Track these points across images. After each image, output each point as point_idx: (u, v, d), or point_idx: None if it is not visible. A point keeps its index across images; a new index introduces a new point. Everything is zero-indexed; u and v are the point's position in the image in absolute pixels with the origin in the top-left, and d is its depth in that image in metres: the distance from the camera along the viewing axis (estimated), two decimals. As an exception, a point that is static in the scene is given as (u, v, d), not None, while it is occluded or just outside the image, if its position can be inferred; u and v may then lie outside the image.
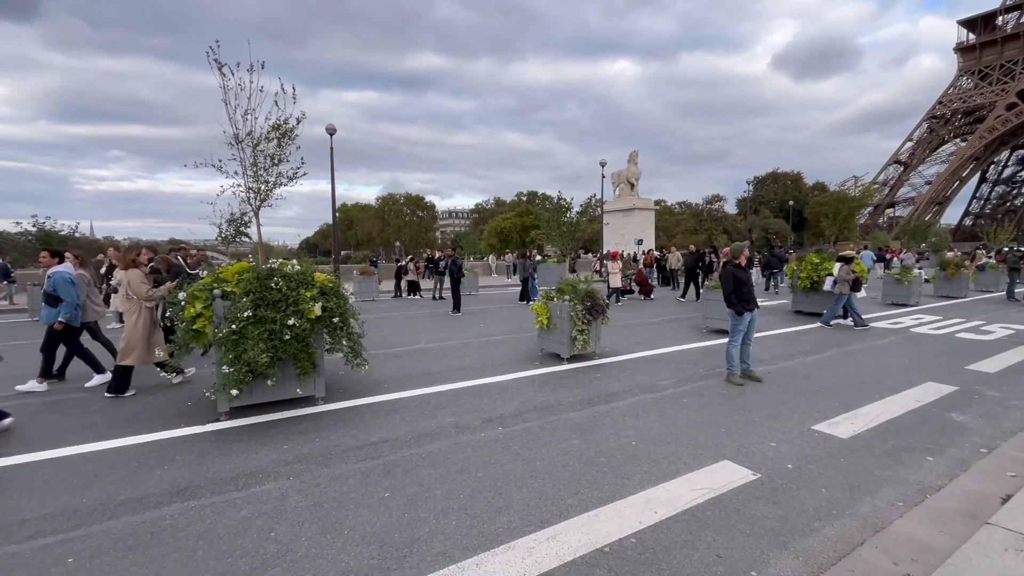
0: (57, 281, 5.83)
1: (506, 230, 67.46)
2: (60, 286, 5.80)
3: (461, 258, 14.18)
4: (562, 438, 4.40)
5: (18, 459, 4.01)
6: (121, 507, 3.28)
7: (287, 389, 4.96)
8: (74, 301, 5.86)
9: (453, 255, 14.49)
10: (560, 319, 7.19)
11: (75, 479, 3.67)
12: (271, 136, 4.84)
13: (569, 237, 10.77)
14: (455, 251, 15.67)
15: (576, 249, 12.59)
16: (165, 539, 2.92)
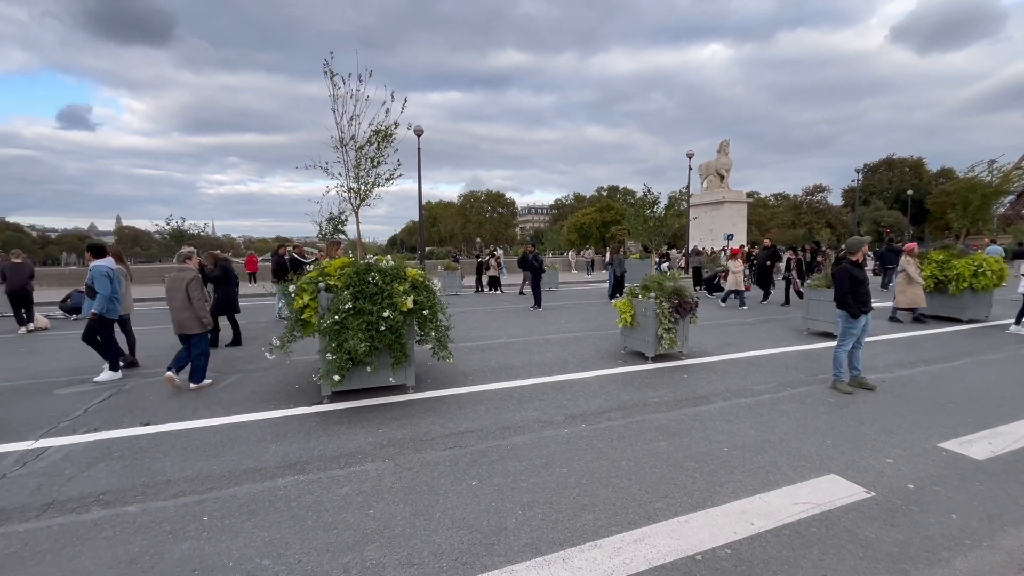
0: (95, 274, 6.09)
1: (586, 225, 66.65)
2: (97, 279, 6.06)
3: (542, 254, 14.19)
4: (648, 439, 4.28)
5: (163, 428, 4.64)
6: (244, 475, 3.68)
7: (382, 377, 5.28)
8: (107, 294, 6.09)
9: (534, 251, 14.55)
10: (645, 317, 6.98)
11: (207, 448, 4.17)
12: (372, 139, 5.16)
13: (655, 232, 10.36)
14: (535, 247, 15.71)
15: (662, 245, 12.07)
16: (280, 507, 3.23)
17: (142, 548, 2.80)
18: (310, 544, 2.83)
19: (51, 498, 3.35)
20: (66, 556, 2.73)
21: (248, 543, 2.84)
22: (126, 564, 2.66)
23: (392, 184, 5.73)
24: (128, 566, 2.64)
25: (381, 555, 2.73)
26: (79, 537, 2.91)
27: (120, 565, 2.65)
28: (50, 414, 5.03)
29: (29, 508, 3.23)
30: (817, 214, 67.35)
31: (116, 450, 4.13)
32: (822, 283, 9.03)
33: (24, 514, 3.16)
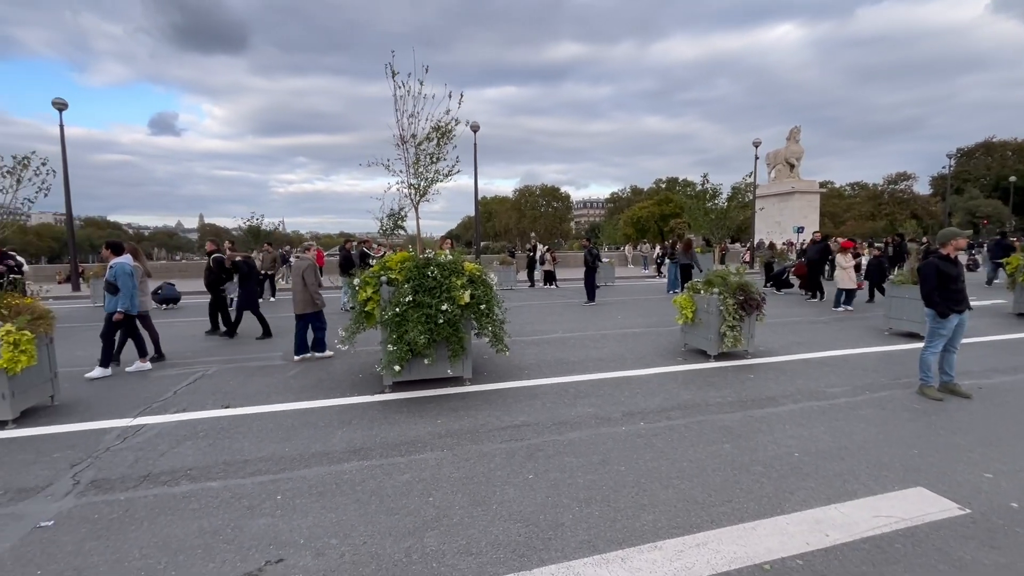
0: (117, 272, 6.14)
1: (643, 219, 64.99)
2: (120, 277, 6.11)
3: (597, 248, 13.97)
4: (711, 440, 4.12)
5: (242, 411, 4.99)
6: (313, 458, 3.88)
7: (440, 369, 5.40)
8: (129, 291, 6.14)
9: (589, 245, 14.37)
10: (707, 313, 6.71)
11: (279, 431, 4.44)
12: (431, 136, 5.27)
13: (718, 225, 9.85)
14: (590, 241, 15.53)
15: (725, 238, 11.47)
16: (346, 490, 3.39)
17: (224, 521, 3.02)
18: (374, 527, 2.94)
19: (147, 471, 3.69)
20: (160, 524, 3.00)
21: (317, 523, 3.00)
22: (210, 535, 2.88)
23: (450, 180, 5.81)
24: (212, 537, 2.86)
25: (440, 542, 2.79)
26: (170, 508, 3.18)
27: (205, 535, 2.88)
28: (145, 395, 5.53)
29: (128, 479, 3.57)
30: (900, 204, 62.09)
31: (201, 430, 4.48)
32: (906, 279, 8.32)
33: (124, 484, 3.50)
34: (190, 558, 2.67)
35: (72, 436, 4.36)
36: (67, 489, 3.43)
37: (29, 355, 4.48)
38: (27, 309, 4.75)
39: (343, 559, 2.65)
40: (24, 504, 3.24)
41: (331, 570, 2.57)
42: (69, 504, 3.23)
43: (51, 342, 5.11)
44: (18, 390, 4.56)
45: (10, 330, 4.39)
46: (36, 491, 3.41)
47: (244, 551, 2.73)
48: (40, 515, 3.10)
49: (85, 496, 3.33)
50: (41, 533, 2.92)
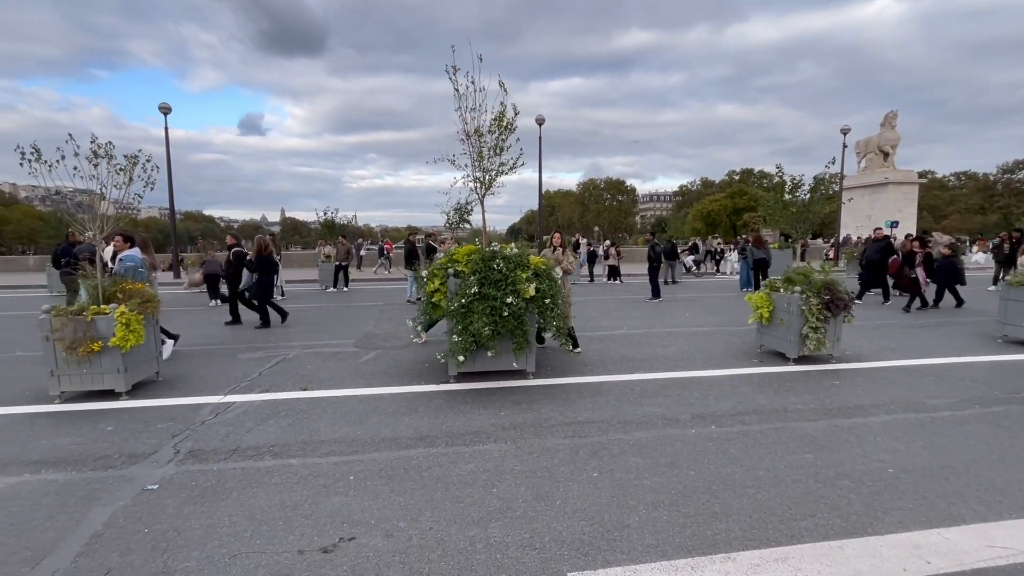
0: (127, 264, 6.02)
1: (714, 212, 62.02)
2: (129, 270, 5.97)
3: (660, 244, 13.49)
4: (791, 449, 3.85)
5: (318, 394, 5.28)
6: (382, 443, 4.03)
7: (503, 361, 5.43)
8: None
9: (652, 240, 13.94)
10: (787, 313, 6.28)
11: (352, 415, 4.65)
12: (492, 128, 5.29)
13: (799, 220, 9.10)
14: (653, 236, 15.03)
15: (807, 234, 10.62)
16: (413, 476, 3.49)
17: (302, 497, 3.20)
18: (439, 514, 3.01)
19: (236, 445, 3.99)
20: (247, 495, 3.23)
21: (386, 505, 3.11)
22: (290, 509, 3.07)
23: (514, 172, 5.80)
24: (292, 511, 3.05)
25: (504, 534, 2.80)
26: (255, 481, 3.42)
27: (286, 509, 3.07)
28: (234, 374, 6.00)
29: (220, 451, 3.88)
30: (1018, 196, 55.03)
31: (282, 409, 4.79)
32: (1022, 279, 7.35)
33: (216, 456, 3.81)
34: (273, 529, 2.86)
35: (173, 409, 4.81)
36: (169, 457, 3.78)
37: (138, 335, 4.98)
38: (137, 294, 5.29)
39: (411, 542, 2.73)
40: (134, 468, 3.61)
41: (400, 552, 2.65)
42: (171, 471, 3.56)
43: (156, 324, 5.66)
44: (130, 365, 5.09)
45: (124, 311, 4.90)
46: (144, 457, 3.79)
47: (320, 527, 2.88)
48: (147, 479, 3.44)
49: (184, 464, 3.66)
50: (148, 495, 3.23)
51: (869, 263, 11.88)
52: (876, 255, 11.68)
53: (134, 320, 4.93)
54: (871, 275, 11.77)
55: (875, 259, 11.72)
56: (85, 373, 4.93)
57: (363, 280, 19.66)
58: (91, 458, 3.77)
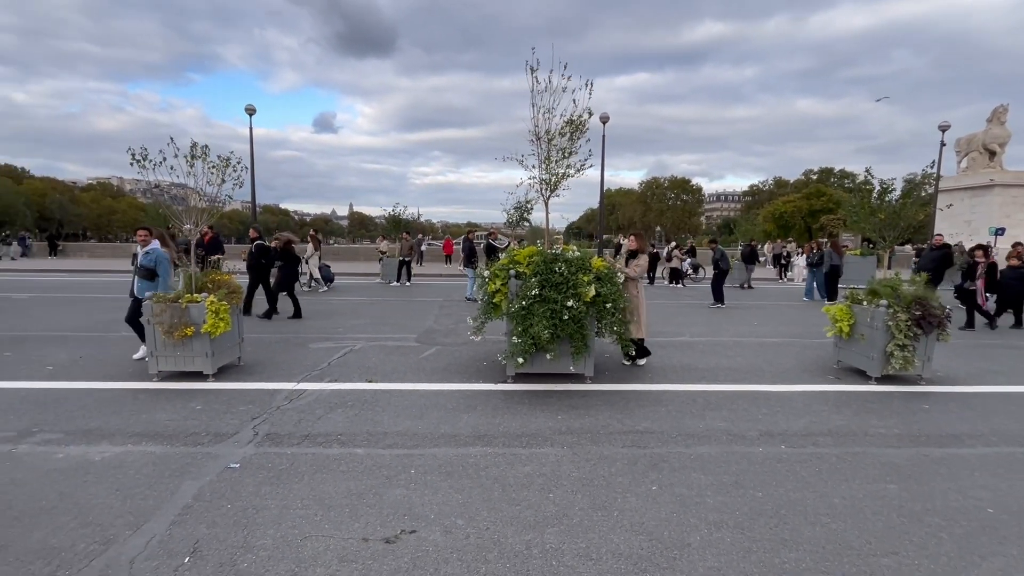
0: (159, 258, 5.92)
1: (787, 214, 58.48)
2: (160, 263, 5.90)
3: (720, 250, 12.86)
4: (871, 477, 3.57)
5: (382, 386, 5.50)
6: (441, 439, 4.14)
7: (562, 364, 5.41)
8: (168, 278, 5.92)
9: (716, 246, 13.40)
10: (870, 328, 5.82)
11: (413, 409, 4.81)
12: (564, 131, 5.27)
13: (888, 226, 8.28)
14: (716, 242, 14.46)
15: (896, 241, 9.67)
16: (471, 474, 3.56)
17: (367, 487, 3.36)
18: (497, 515, 3.05)
19: (307, 431, 4.24)
20: (317, 480, 3.43)
21: (445, 501, 3.19)
22: (356, 497, 3.22)
23: (581, 174, 5.75)
24: (358, 499, 3.20)
25: (560, 541, 2.80)
26: (324, 467, 3.62)
27: (352, 497, 3.22)
28: (306, 363, 6.37)
29: (292, 436, 4.14)
30: None
31: (349, 399, 5.03)
32: None
33: (290, 440, 4.07)
34: (340, 515, 3.01)
35: (252, 393, 5.18)
36: (249, 438, 4.08)
37: (226, 322, 5.41)
38: (225, 284, 5.73)
39: (468, 541, 2.79)
40: (219, 447, 3.93)
41: (457, 549, 2.72)
42: (250, 452, 3.84)
43: (239, 312, 6.11)
44: (216, 350, 5.53)
45: (213, 301, 5.33)
46: (227, 437, 4.11)
47: (383, 517, 3.00)
48: (230, 457, 3.74)
49: (261, 447, 3.93)
50: (230, 473, 3.51)
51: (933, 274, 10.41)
52: (931, 265, 10.42)
53: (222, 309, 5.35)
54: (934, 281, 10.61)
55: (929, 270, 10.24)
56: (179, 355, 5.42)
57: (424, 275, 20.24)
58: (183, 434, 4.14)
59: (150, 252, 5.98)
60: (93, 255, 29.28)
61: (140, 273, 5.97)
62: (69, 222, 71.84)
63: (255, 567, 2.54)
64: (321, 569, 2.53)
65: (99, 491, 3.24)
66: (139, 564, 2.55)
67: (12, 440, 3.97)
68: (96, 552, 2.63)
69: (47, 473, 3.47)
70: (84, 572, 2.48)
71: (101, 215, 77.90)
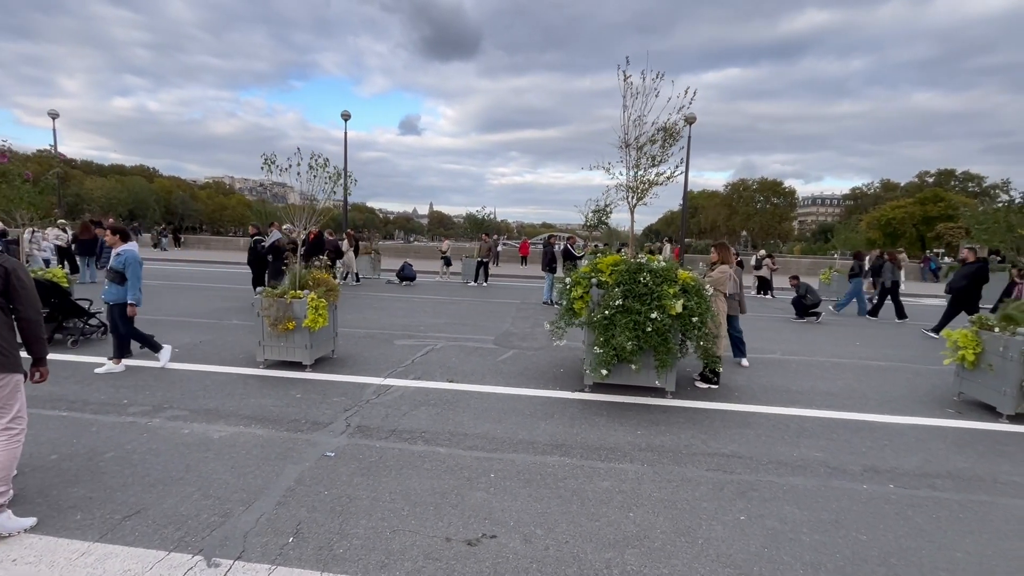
0: (128, 260, 5.57)
1: (896, 220, 52.88)
2: (130, 266, 5.56)
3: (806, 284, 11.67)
4: (1004, 533, 3.15)
5: (463, 387, 5.67)
6: (520, 445, 4.20)
7: (643, 377, 5.28)
8: (139, 281, 5.61)
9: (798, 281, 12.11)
10: (1002, 359, 5.12)
11: (492, 412, 4.92)
12: (656, 138, 5.13)
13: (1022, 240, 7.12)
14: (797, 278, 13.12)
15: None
16: (549, 484, 3.57)
17: (450, 486, 3.48)
18: (575, 528, 3.04)
19: (394, 426, 4.48)
20: (403, 475, 3.61)
21: (524, 509, 3.24)
22: (440, 496, 3.35)
23: (672, 181, 5.57)
24: (441, 497, 3.33)
25: (641, 564, 2.74)
26: (409, 463, 3.80)
27: (436, 495, 3.36)
28: (392, 359, 6.72)
29: (381, 430, 4.39)
30: None
31: (432, 398, 5.24)
32: None
33: (378, 434, 4.31)
34: (425, 512, 3.15)
35: (344, 386, 5.55)
36: (342, 429, 4.38)
37: (324, 318, 5.84)
38: (323, 282, 6.19)
39: (547, 552, 2.81)
40: (316, 434, 4.25)
41: (537, 559, 2.74)
42: (344, 442, 4.12)
43: (335, 309, 6.57)
44: (314, 343, 5.99)
45: (314, 297, 5.78)
46: (323, 426, 4.44)
47: (465, 518, 3.10)
48: (326, 446, 4.03)
49: (353, 438, 4.21)
50: (327, 461, 3.79)
51: (954, 292, 9.41)
52: (962, 282, 9.29)
53: (321, 305, 5.79)
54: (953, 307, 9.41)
55: (960, 286, 9.28)
56: (282, 346, 5.93)
57: (500, 276, 20.57)
58: (285, 420, 4.53)
59: (121, 254, 5.58)
60: (209, 247, 32.78)
61: (109, 276, 5.61)
62: (189, 216, 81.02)
63: (350, 554, 2.72)
64: (409, 564, 2.66)
65: (217, 467, 3.63)
66: (251, 539, 2.82)
67: (148, 413, 4.56)
68: (216, 524, 2.95)
69: (176, 447, 3.94)
70: (207, 540, 2.80)
71: (215, 210, 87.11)
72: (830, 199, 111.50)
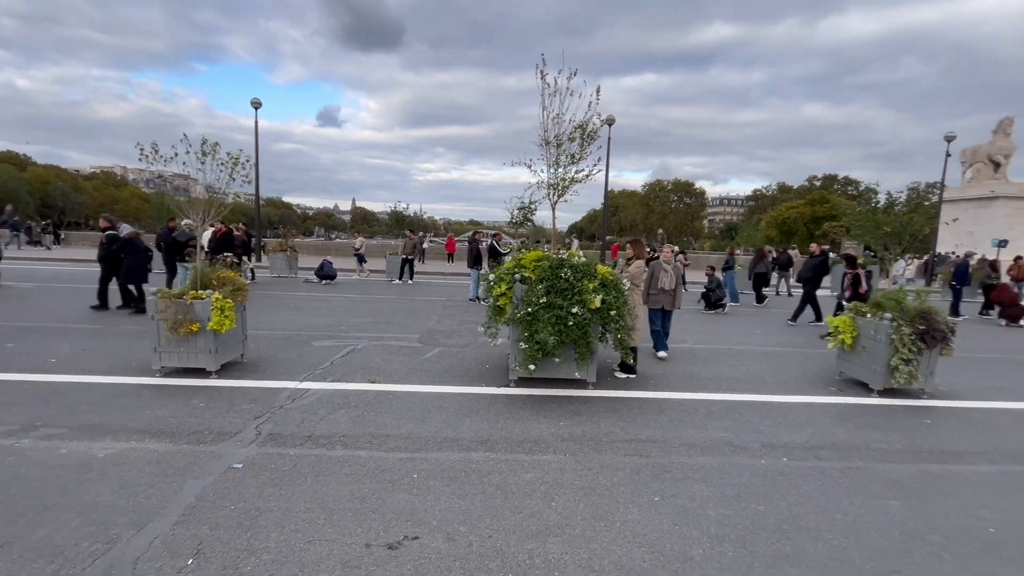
0: None
1: (790, 220, 58.47)
2: None
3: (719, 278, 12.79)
4: (873, 493, 3.57)
5: (385, 387, 5.50)
6: (444, 443, 4.14)
7: (565, 370, 5.41)
8: None
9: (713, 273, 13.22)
10: (874, 341, 5.82)
11: (416, 412, 4.81)
12: (574, 136, 5.25)
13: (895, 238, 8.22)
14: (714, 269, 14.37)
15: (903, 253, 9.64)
16: (474, 480, 3.56)
17: (370, 490, 3.36)
18: (499, 522, 3.05)
19: (310, 432, 4.25)
20: (320, 482, 3.43)
21: (448, 507, 3.20)
22: (359, 501, 3.22)
23: (591, 179, 5.75)
24: (361, 502, 3.20)
25: (562, 551, 2.80)
26: (327, 469, 3.62)
27: (355, 500, 3.23)
28: (309, 361, 6.37)
29: (296, 437, 4.14)
30: None
31: (352, 400, 5.03)
32: None
33: (293, 440, 4.07)
34: (343, 519, 3.02)
35: (255, 391, 5.18)
36: (252, 438, 4.08)
37: (231, 319, 5.41)
38: (230, 281, 5.74)
39: (471, 548, 2.79)
40: (222, 445, 3.93)
41: (460, 557, 2.72)
42: (253, 452, 3.85)
43: (244, 309, 6.12)
44: (220, 347, 5.54)
45: (219, 298, 5.34)
46: (230, 436, 4.11)
47: (386, 522, 3.00)
48: (233, 457, 3.74)
49: (264, 447, 3.94)
50: (234, 473, 3.51)
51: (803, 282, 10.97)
52: (809, 273, 10.87)
53: (228, 306, 5.36)
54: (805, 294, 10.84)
55: (807, 277, 10.83)
56: (182, 351, 5.42)
57: (426, 273, 20.24)
58: (185, 432, 4.14)
59: None
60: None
61: None
62: (71, 210, 71.88)
63: (258, 570, 2.54)
64: (325, 574, 2.53)
65: (102, 489, 3.24)
66: (143, 565, 2.55)
67: (15, 434, 3.98)
68: (99, 552, 2.64)
69: (50, 469, 3.47)
70: (87, 572, 2.49)
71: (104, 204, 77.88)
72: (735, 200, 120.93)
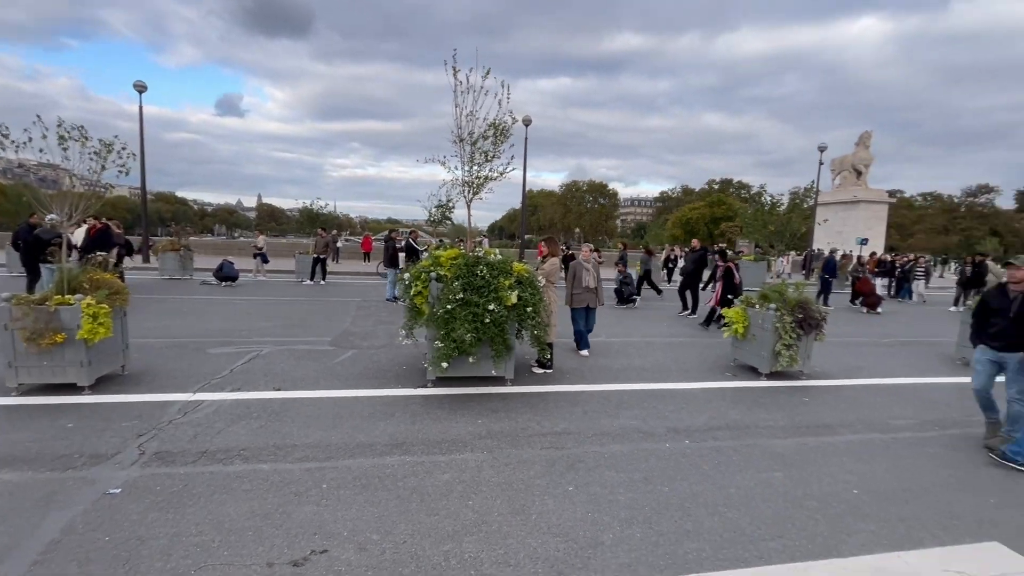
0: None
1: (693, 220, 63.09)
2: None
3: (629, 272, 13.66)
4: (761, 467, 3.94)
5: (292, 394, 5.17)
6: (357, 449, 3.97)
7: (482, 368, 5.40)
8: None
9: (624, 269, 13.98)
10: (761, 330, 6.42)
11: (326, 418, 4.57)
12: (487, 134, 5.25)
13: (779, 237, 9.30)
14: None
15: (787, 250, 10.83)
16: (388, 485, 3.44)
17: (273, 505, 3.13)
18: (414, 526, 2.98)
19: (204, 447, 3.88)
20: (216, 502, 3.14)
21: (360, 516, 3.06)
22: (261, 517, 3.00)
23: (505, 177, 5.79)
24: (262, 520, 2.98)
25: (479, 549, 2.80)
26: (224, 487, 3.33)
27: (256, 518, 2.99)
28: (204, 371, 5.83)
29: (188, 454, 3.77)
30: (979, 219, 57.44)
31: (254, 410, 4.67)
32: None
33: (184, 458, 3.69)
34: (241, 539, 2.79)
35: (139, 407, 4.65)
36: (133, 459, 3.65)
37: (106, 327, 4.80)
38: (106, 284, 5.09)
39: (384, 556, 2.70)
40: (96, 470, 3.48)
41: (372, 566, 2.62)
42: (135, 474, 3.44)
43: (124, 315, 5.46)
44: (94, 359, 4.90)
45: (90, 303, 4.71)
46: (106, 458, 3.65)
47: (291, 538, 2.82)
48: (109, 482, 3.32)
49: (149, 467, 3.54)
50: (110, 500, 3.12)
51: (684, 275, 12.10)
52: (691, 266, 11.99)
53: (102, 312, 4.74)
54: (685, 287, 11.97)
55: (689, 270, 11.93)
56: (46, 365, 4.73)
57: (340, 273, 19.35)
58: (49, 457, 3.61)
59: None
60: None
61: None
62: (-100, 204, 60.20)
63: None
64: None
65: (-65, 532, 2.74)
66: (-12, 616, 2.18)
67: None
68: (-71, 607, 2.22)
69: None
70: (-89, 633, 2.08)
71: (-56, 197, 66.08)
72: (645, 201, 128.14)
